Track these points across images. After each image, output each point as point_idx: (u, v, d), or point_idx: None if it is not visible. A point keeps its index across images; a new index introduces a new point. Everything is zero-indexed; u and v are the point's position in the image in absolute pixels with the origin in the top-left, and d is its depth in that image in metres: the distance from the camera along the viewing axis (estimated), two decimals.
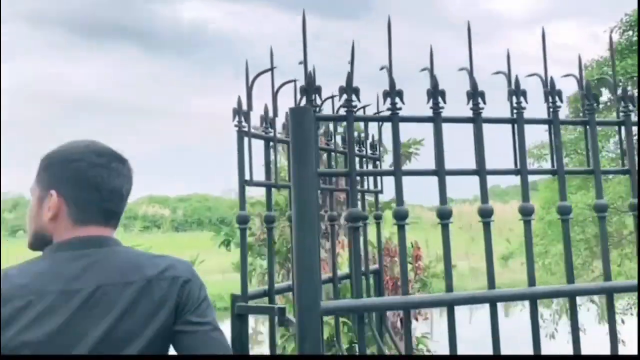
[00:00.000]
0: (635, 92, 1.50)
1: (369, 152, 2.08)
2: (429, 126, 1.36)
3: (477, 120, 1.38)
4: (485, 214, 1.36)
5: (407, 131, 1.72)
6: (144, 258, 1.24)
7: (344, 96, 1.33)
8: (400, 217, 1.31)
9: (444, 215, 1.33)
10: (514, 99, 1.41)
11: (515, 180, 1.40)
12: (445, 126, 1.36)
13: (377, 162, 2.12)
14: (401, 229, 1.32)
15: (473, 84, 1.38)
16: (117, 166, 1.27)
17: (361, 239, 1.51)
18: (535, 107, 1.44)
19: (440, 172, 1.34)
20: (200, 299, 1.23)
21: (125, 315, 1.15)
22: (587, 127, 1.48)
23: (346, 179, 1.42)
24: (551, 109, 1.45)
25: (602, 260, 1.44)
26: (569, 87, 1.51)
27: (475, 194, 1.41)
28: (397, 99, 1.33)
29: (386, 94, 1.34)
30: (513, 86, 1.42)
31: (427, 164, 1.38)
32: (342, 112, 1.36)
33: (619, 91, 1.48)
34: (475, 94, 1.38)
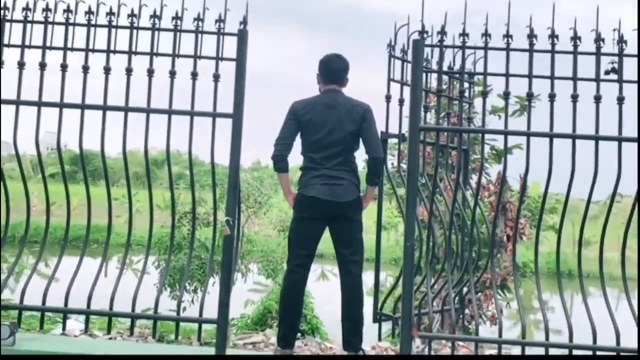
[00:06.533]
0: None
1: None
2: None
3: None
4: None
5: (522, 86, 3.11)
6: (351, 99, 3.10)
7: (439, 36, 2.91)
8: None
9: None
10: None
11: None
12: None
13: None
14: None
15: None
16: (335, 60, 3.14)
17: None
18: None
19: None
20: (369, 118, 3.03)
21: (345, 117, 3.01)
22: None
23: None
24: None
25: None
26: None
27: None
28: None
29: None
30: None
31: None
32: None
33: None
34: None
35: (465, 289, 3.65)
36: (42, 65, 3.17)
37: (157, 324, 3.19)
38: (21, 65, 3.16)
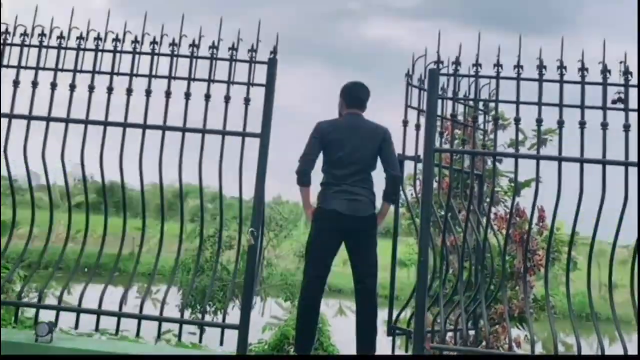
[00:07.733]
0: None
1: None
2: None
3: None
4: None
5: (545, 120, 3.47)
6: (371, 122, 3.37)
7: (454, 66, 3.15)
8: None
9: None
10: None
11: None
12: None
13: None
14: None
15: None
16: (361, 87, 3.39)
17: None
18: None
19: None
20: (388, 139, 3.29)
21: (366, 138, 3.27)
22: None
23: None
24: None
25: None
26: None
27: None
28: None
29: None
30: None
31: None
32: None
33: None
34: None
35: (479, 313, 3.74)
36: (91, 88, 3.51)
37: (182, 329, 3.38)
38: (72, 87, 3.52)
